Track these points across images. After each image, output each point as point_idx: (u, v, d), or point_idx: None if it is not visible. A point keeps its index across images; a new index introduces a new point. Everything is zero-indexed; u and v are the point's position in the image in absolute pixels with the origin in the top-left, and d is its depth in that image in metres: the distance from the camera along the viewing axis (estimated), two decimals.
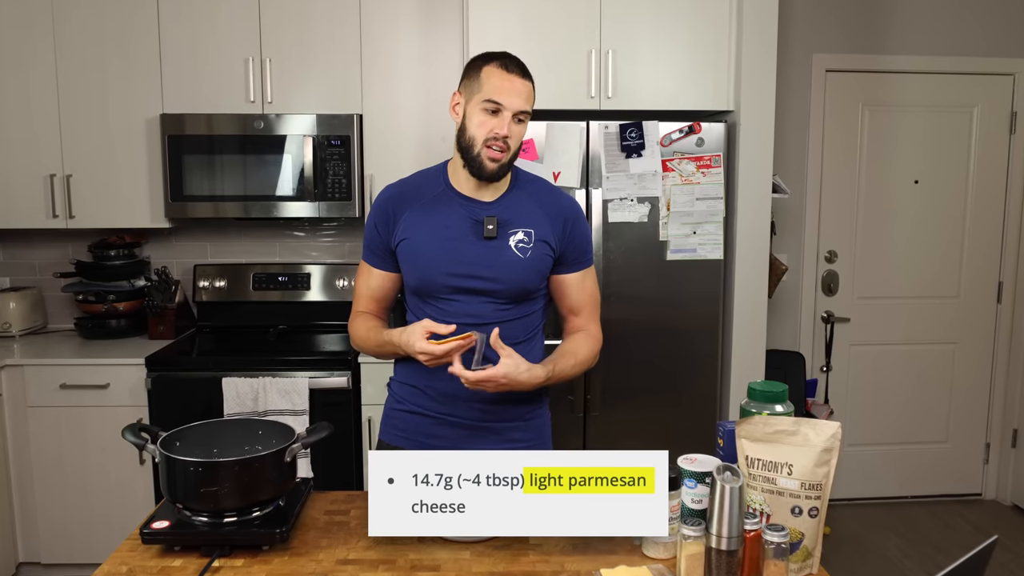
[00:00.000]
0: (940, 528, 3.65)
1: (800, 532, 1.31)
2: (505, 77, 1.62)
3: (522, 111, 1.63)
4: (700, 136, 2.85)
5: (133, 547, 1.41)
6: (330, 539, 1.46)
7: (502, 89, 1.61)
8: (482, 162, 1.63)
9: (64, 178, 3.11)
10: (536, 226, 1.71)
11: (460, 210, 1.70)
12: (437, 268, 1.67)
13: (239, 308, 3.41)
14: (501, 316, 1.70)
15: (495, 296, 1.69)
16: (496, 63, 1.63)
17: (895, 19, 3.66)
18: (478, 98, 1.62)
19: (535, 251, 1.70)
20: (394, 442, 1.79)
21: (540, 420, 1.81)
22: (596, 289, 1.83)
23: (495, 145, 1.62)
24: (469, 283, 1.67)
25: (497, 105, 1.61)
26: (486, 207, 1.70)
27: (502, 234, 1.68)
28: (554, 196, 1.77)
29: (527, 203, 1.73)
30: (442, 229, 1.69)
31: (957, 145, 3.77)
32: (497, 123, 1.62)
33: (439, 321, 1.63)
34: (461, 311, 1.68)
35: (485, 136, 1.62)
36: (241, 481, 1.40)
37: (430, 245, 1.68)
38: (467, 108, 1.65)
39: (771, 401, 1.39)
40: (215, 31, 3.06)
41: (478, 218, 1.69)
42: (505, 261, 1.68)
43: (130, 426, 1.48)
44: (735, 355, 2.96)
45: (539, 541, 1.45)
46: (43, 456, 2.95)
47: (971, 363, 3.91)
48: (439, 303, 1.70)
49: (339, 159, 3.06)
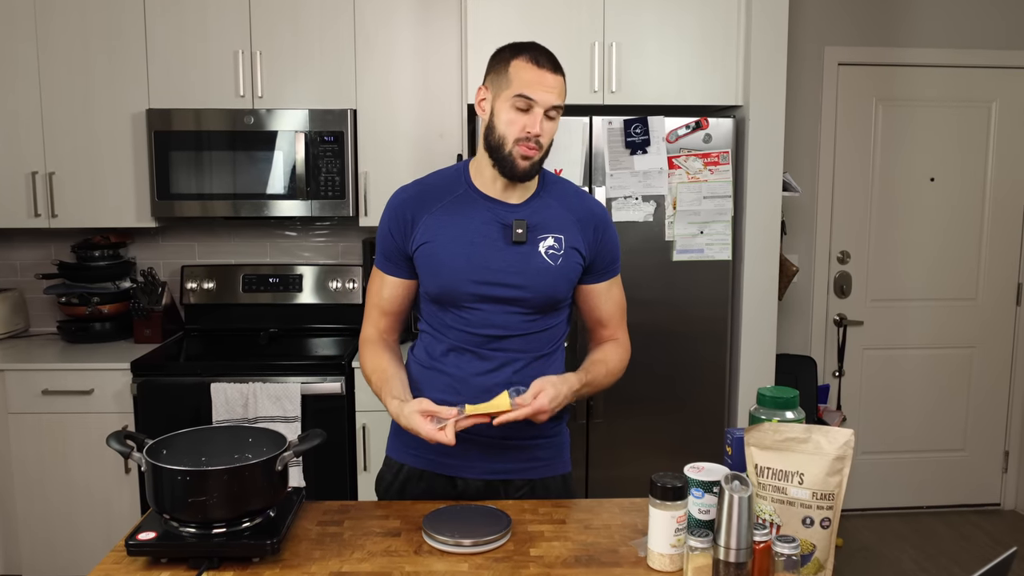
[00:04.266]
0: (957, 539, 3.64)
1: (811, 544, 1.32)
2: (536, 71, 1.58)
3: (554, 107, 1.60)
4: (707, 132, 2.85)
5: (118, 559, 1.41)
6: (323, 551, 1.46)
7: (533, 84, 1.57)
8: (514, 161, 1.59)
9: (47, 176, 3.11)
10: (566, 232, 1.68)
11: (486, 212, 1.65)
12: (462, 275, 1.63)
13: (228, 311, 3.41)
14: (526, 328, 1.67)
15: (522, 305, 1.65)
16: (526, 56, 1.59)
17: (910, 10, 3.66)
18: (507, 94, 1.58)
19: (566, 259, 1.67)
20: (405, 461, 1.75)
21: (561, 438, 1.79)
22: (623, 297, 1.80)
23: (527, 144, 1.58)
24: (496, 291, 1.64)
25: (529, 101, 1.57)
26: (513, 210, 1.66)
27: (531, 239, 1.64)
28: (584, 201, 1.74)
29: (556, 207, 1.69)
30: (466, 233, 1.64)
31: (975, 141, 3.77)
32: (529, 120, 1.58)
33: (462, 332, 1.62)
34: (484, 321, 1.65)
35: (516, 134, 1.58)
36: (230, 491, 1.39)
37: (454, 250, 1.63)
38: (495, 104, 1.61)
39: (781, 407, 1.39)
40: (203, 23, 3.07)
41: (505, 221, 1.64)
42: (535, 268, 1.64)
43: (115, 433, 1.48)
44: (744, 360, 2.96)
45: (540, 553, 1.45)
46: (24, 465, 2.95)
47: (989, 368, 3.91)
48: (461, 312, 1.66)
49: (332, 156, 3.07)
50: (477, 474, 1.71)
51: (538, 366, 1.69)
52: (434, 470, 1.72)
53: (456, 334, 1.67)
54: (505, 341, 1.66)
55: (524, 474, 1.73)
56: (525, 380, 1.61)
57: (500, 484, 1.72)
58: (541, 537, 1.50)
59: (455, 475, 1.72)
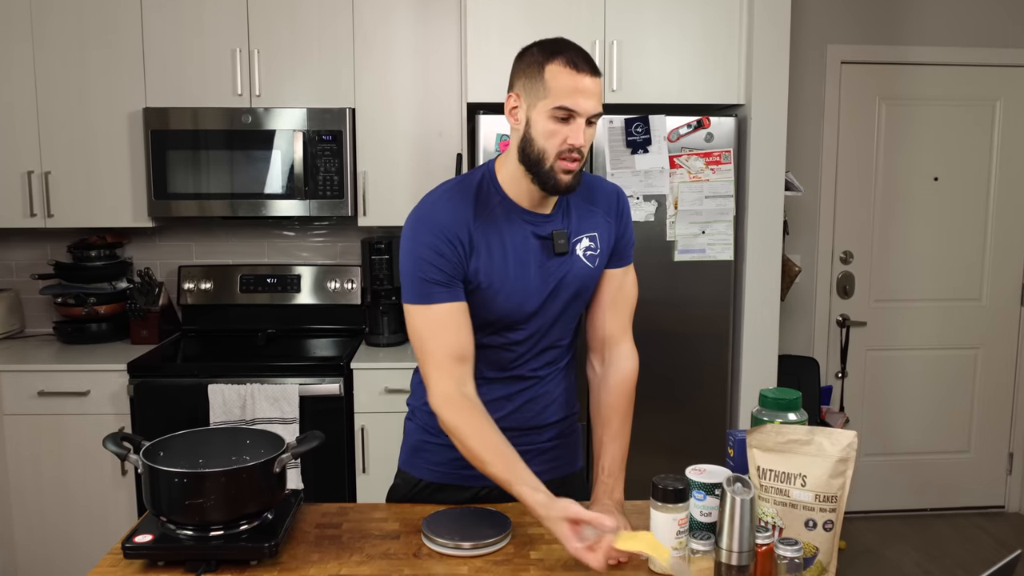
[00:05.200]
0: (961, 542, 3.64)
1: (814, 546, 1.31)
2: (575, 77, 1.44)
3: (596, 114, 1.48)
4: (709, 131, 2.85)
5: (114, 562, 1.41)
6: (321, 554, 1.46)
7: (574, 92, 1.44)
8: (556, 177, 1.48)
9: (42, 175, 3.11)
10: (599, 229, 1.63)
11: (525, 227, 1.56)
12: (520, 299, 1.56)
13: (226, 311, 3.41)
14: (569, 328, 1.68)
15: (565, 314, 1.63)
16: (562, 60, 1.45)
17: (914, 8, 3.66)
18: (545, 104, 1.45)
19: (602, 258, 1.63)
20: (424, 476, 1.70)
21: (576, 436, 1.79)
22: (636, 292, 1.71)
23: (569, 157, 1.47)
24: (548, 307, 1.60)
25: (570, 112, 1.45)
26: (549, 220, 1.58)
27: (571, 247, 1.59)
28: (602, 189, 1.67)
29: (583, 206, 1.63)
30: (514, 253, 1.55)
31: (979, 140, 3.78)
32: (571, 131, 1.46)
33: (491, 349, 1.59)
34: (530, 335, 1.61)
35: (558, 147, 1.46)
36: (228, 493, 1.39)
37: (507, 274, 1.54)
38: (531, 115, 1.48)
39: (784, 409, 1.39)
40: (200, 21, 3.07)
41: (543, 233, 1.57)
42: (576, 275, 1.60)
43: (111, 435, 1.48)
44: (746, 361, 2.96)
45: (541, 555, 1.45)
46: (20, 467, 2.95)
47: (994, 369, 3.91)
48: (510, 332, 1.60)
49: (331, 155, 3.07)
50: None
51: (557, 373, 1.69)
52: (458, 483, 1.69)
53: (482, 352, 1.59)
54: (541, 356, 1.64)
55: (544, 476, 1.66)
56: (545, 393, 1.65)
57: None
58: (542, 540, 1.50)
59: (478, 486, 1.68)
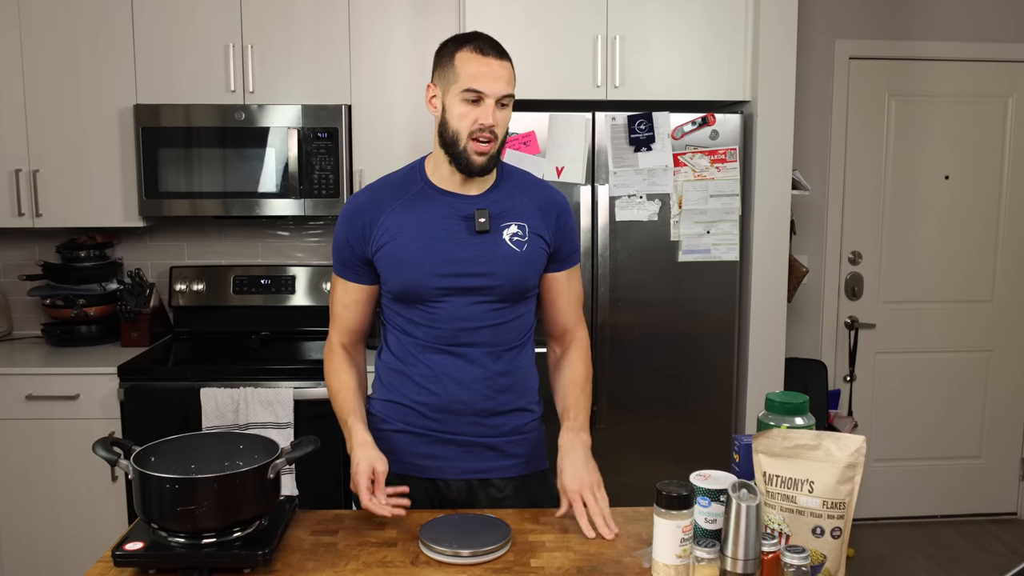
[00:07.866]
0: (972, 550, 3.65)
1: (822, 554, 1.32)
2: (482, 61, 1.60)
3: (505, 95, 1.62)
4: (714, 128, 2.85)
5: (104, 570, 1.41)
6: (316, 562, 1.46)
7: (481, 75, 1.59)
8: (469, 157, 1.63)
9: (30, 173, 3.11)
10: (529, 219, 1.72)
11: (445, 207, 1.69)
12: (425, 270, 1.67)
13: (218, 313, 3.41)
14: (495, 318, 1.71)
15: (490, 294, 1.69)
16: (469, 47, 1.61)
17: (924, 2, 3.67)
18: (455, 88, 1.61)
19: (531, 245, 1.71)
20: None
21: (537, 433, 1.83)
22: (581, 288, 1.87)
23: (481, 136, 1.61)
24: (462, 282, 1.68)
25: (478, 94, 1.60)
26: (474, 201, 1.70)
27: (494, 227, 1.69)
28: (544, 189, 1.79)
29: (517, 196, 1.74)
30: (427, 228, 1.68)
31: (990, 137, 3.78)
32: (480, 112, 1.60)
33: (430, 329, 1.68)
34: (452, 314, 1.69)
35: (469, 128, 1.61)
36: (221, 499, 1.39)
37: (415, 247, 1.67)
38: (445, 100, 1.64)
39: (791, 413, 1.40)
40: (193, 15, 3.07)
41: (466, 213, 1.69)
42: (500, 256, 1.69)
43: (101, 440, 1.48)
44: (752, 364, 2.97)
45: (541, 563, 1.45)
46: (7, 472, 2.95)
47: (1007, 372, 3.91)
48: (428, 307, 1.70)
49: (326, 153, 3.07)
50: (457, 474, 1.76)
51: (510, 358, 1.74)
52: (414, 474, 1.75)
53: (425, 331, 1.71)
54: (475, 333, 1.69)
55: (503, 472, 1.78)
56: (498, 374, 1.70)
57: (479, 484, 1.77)
58: (542, 547, 1.51)
59: (436, 477, 1.76)
